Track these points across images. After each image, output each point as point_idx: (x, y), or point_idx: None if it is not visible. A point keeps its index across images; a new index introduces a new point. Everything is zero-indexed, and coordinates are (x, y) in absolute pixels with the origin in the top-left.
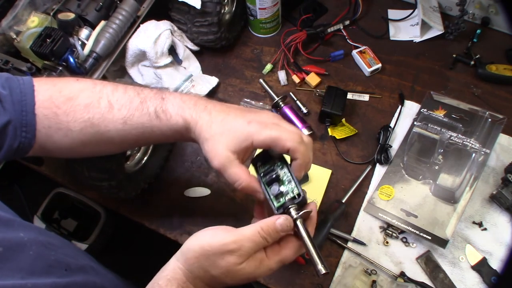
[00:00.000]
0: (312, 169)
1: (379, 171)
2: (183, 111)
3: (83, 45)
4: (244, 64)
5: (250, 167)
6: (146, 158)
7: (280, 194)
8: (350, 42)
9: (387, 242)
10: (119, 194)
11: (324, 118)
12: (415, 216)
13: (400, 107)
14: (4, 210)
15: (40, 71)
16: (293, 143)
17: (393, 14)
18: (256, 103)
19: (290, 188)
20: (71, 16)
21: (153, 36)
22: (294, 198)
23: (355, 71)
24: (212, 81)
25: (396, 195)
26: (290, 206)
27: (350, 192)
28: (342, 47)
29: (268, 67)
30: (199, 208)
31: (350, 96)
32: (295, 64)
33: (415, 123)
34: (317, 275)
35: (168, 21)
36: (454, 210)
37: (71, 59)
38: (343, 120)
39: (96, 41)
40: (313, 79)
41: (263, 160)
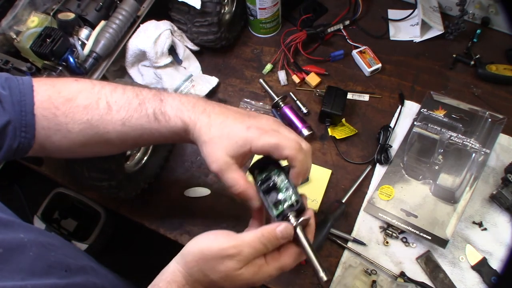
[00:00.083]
0: (312, 169)
1: (379, 171)
2: (182, 113)
3: (83, 45)
4: (244, 64)
5: (248, 174)
6: (146, 158)
7: (279, 202)
8: (350, 42)
9: (387, 242)
10: (119, 194)
11: (324, 118)
12: (415, 216)
13: (400, 107)
14: (3, 211)
15: (40, 71)
16: (291, 151)
17: (393, 14)
18: (256, 103)
19: (288, 195)
20: (71, 16)
21: (153, 36)
22: (292, 205)
23: (355, 71)
24: (212, 81)
25: (396, 195)
26: (289, 214)
27: (350, 192)
28: (342, 47)
29: (268, 67)
30: (199, 208)
31: (350, 96)
32: (295, 64)
33: (415, 123)
34: (318, 282)
35: (168, 21)
36: (454, 210)
37: (71, 59)
38: (343, 120)
39: (96, 41)
40: (313, 79)
41: (260, 168)
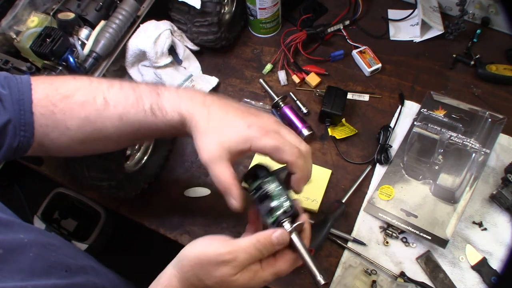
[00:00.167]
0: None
1: (379, 171)
2: (179, 105)
3: (83, 45)
4: (244, 64)
5: (243, 184)
6: (146, 158)
7: (273, 209)
8: (350, 42)
9: (387, 242)
10: (119, 194)
11: (324, 118)
12: (415, 216)
13: (400, 107)
14: (3, 211)
15: (40, 70)
16: (291, 157)
17: (393, 14)
18: (256, 103)
19: (281, 201)
20: (71, 16)
21: (153, 36)
22: (286, 211)
23: (355, 71)
24: (212, 81)
25: (396, 195)
26: (283, 220)
27: (350, 192)
28: (342, 47)
29: (268, 67)
30: (199, 208)
31: (350, 96)
32: (295, 64)
33: (415, 123)
34: (316, 286)
35: (168, 21)
36: (454, 210)
37: (71, 59)
38: (343, 120)
39: (96, 41)
40: (313, 79)
41: (253, 177)
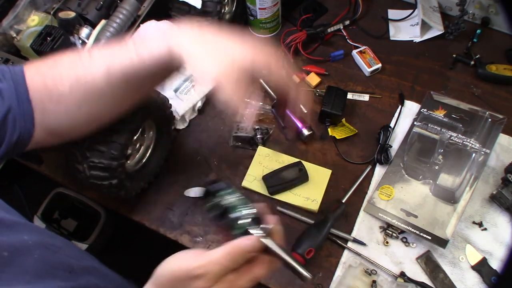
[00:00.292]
0: (312, 169)
1: (379, 171)
2: (164, 38)
3: (84, 44)
4: None
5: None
6: (146, 157)
7: (236, 220)
8: (350, 42)
9: (387, 242)
10: (119, 193)
11: (324, 118)
12: (415, 216)
13: (400, 107)
14: (8, 211)
15: None
16: (280, 81)
17: (393, 14)
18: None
19: (242, 211)
20: (71, 15)
21: None
22: (249, 219)
23: (355, 71)
24: None
25: (396, 195)
26: (250, 228)
27: (350, 192)
28: (342, 47)
29: None
30: (199, 208)
31: (350, 96)
32: (295, 64)
33: (415, 123)
34: (302, 280)
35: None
36: (454, 210)
37: None
38: (343, 120)
39: (97, 40)
40: (313, 79)
41: (206, 197)
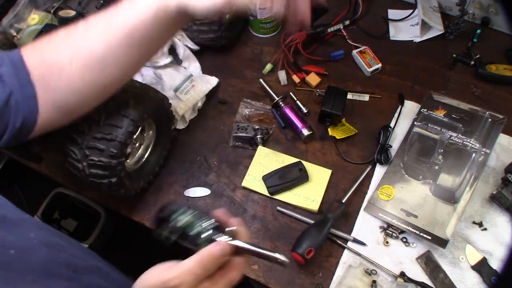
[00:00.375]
0: (312, 169)
1: (379, 171)
2: None
3: None
4: (244, 64)
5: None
6: (146, 156)
7: (198, 236)
8: (350, 42)
9: (387, 242)
10: (119, 191)
11: (324, 118)
12: (415, 216)
13: (400, 107)
14: (13, 208)
15: None
16: None
17: (393, 14)
18: (256, 103)
19: (201, 225)
20: (71, 13)
21: None
22: (210, 231)
23: (355, 71)
24: (212, 81)
25: (396, 195)
26: (215, 237)
27: (350, 192)
28: (342, 47)
29: (268, 67)
30: (199, 208)
31: (350, 96)
32: (295, 64)
33: (415, 123)
34: (283, 266)
35: None
36: (454, 210)
37: None
38: (343, 120)
39: None
40: (313, 79)
41: (159, 226)
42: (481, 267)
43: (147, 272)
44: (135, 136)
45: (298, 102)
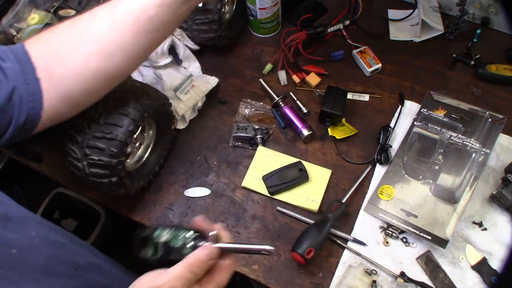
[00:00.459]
0: (312, 169)
1: (379, 171)
2: None
3: None
4: (244, 64)
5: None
6: (146, 156)
7: (182, 248)
8: (350, 42)
9: (387, 242)
10: (119, 191)
11: (324, 118)
12: (415, 216)
13: (400, 107)
14: (15, 207)
15: None
16: None
17: (393, 14)
18: (256, 103)
19: (184, 236)
20: (71, 13)
21: None
22: (192, 241)
23: (355, 71)
24: (212, 81)
25: (396, 195)
26: (199, 244)
27: (350, 192)
28: (342, 47)
29: (268, 67)
30: (199, 208)
31: (350, 96)
32: (295, 64)
33: (415, 123)
34: (270, 255)
35: None
36: (454, 210)
37: None
38: (343, 120)
39: None
40: (313, 79)
41: (141, 246)
42: (481, 267)
43: (137, 280)
44: (135, 135)
45: (298, 102)
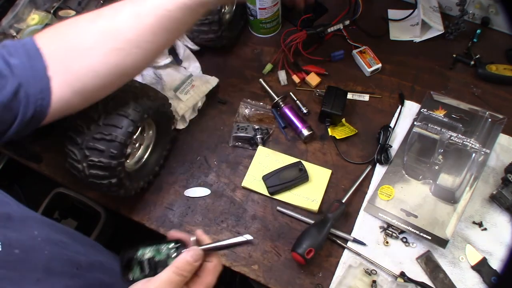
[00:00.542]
0: (312, 169)
1: (379, 171)
2: None
3: None
4: (244, 64)
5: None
6: (146, 156)
7: (167, 259)
8: (350, 42)
9: (387, 242)
10: (119, 192)
11: (324, 118)
12: (415, 216)
13: (400, 107)
14: (17, 207)
15: None
16: None
17: (393, 14)
18: (256, 103)
19: (167, 247)
20: (71, 13)
21: None
22: (175, 250)
23: (355, 71)
24: (212, 81)
25: (396, 195)
26: (181, 252)
27: (350, 192)
28: (342, 47)
29: (268, 67)
30: (199, 208)
31: (350, 96)
32: (295, 64)
33: (415, 123)
34: (251, 244)
35: None
36: (454, 210)
37: None
38: (343, 120)
39: None
40: (313, 79)
41: (128, 267)
42: (481, 267)
43: None
44: (135, 136)
45: (298, 102)
